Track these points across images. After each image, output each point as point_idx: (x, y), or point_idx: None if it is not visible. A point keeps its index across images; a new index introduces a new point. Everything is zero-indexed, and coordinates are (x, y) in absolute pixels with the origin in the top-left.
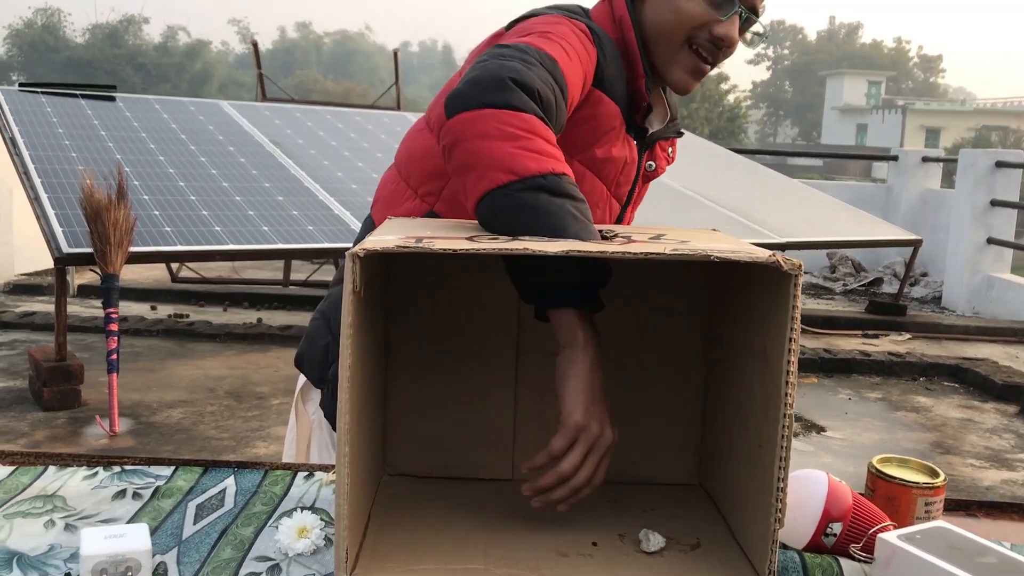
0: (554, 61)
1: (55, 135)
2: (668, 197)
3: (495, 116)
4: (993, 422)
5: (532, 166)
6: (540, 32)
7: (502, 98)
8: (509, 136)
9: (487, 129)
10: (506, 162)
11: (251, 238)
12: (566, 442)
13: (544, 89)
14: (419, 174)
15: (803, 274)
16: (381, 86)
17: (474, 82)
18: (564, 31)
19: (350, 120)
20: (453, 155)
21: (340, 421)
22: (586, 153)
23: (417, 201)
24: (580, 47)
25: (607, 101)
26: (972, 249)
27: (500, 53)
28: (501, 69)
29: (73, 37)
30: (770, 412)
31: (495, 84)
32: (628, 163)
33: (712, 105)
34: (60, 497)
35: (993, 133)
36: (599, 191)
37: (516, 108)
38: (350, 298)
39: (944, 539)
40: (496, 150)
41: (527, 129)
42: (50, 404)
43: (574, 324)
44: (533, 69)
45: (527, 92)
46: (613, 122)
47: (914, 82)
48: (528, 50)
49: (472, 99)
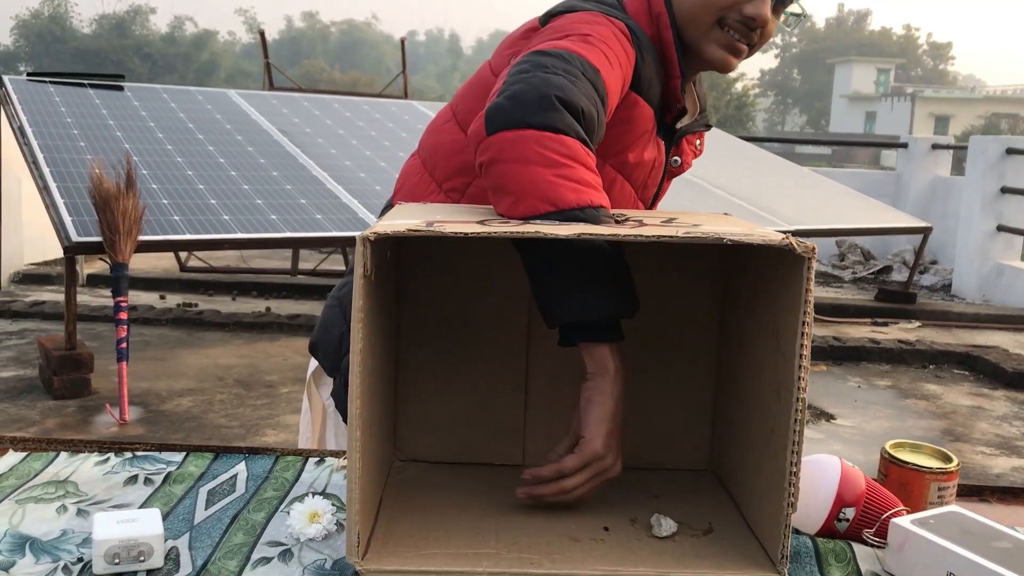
0: (597, 71)
1: (63, 124)
2: (677, 186)
3: (537, 140)
4: (1003, 409)
5: (571, 198)
6: (580, 35)
7: (546, 118)
8: (550, 163)
9: (528, 153)
10: (546, 191)
11: (259, 227)
12: (579, 464)
13: (588, 105)
14: (445, 169)
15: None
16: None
17: (516, 97)
18: (605, 33)
19: (358, 109)
20: (491, 173)
21: (351, 406)
22: (618, 157)
23: (442, 196)
24: (620, 50)
25: (643, 104)
26: (982, 237)
27: (543, 63)
28: (546, 85)
29: (80, 27)
30: (783, 396)
31: (539, 102)
32: (656, 165)
33: (720, 93)
34: (72, 483)
35: (1003, 121)
36: (628, 195)
37: (559, 130)
38: (361, 282)
39: (958, 524)
40: (536, 176)
41: (569, 155)
42: (60, 393)
43: (606, 356)
44: (578, 84)
45: (571, 110)
46: (646, 125)
47: (923, 69)
48: (571, 59)
49: (514, 117)
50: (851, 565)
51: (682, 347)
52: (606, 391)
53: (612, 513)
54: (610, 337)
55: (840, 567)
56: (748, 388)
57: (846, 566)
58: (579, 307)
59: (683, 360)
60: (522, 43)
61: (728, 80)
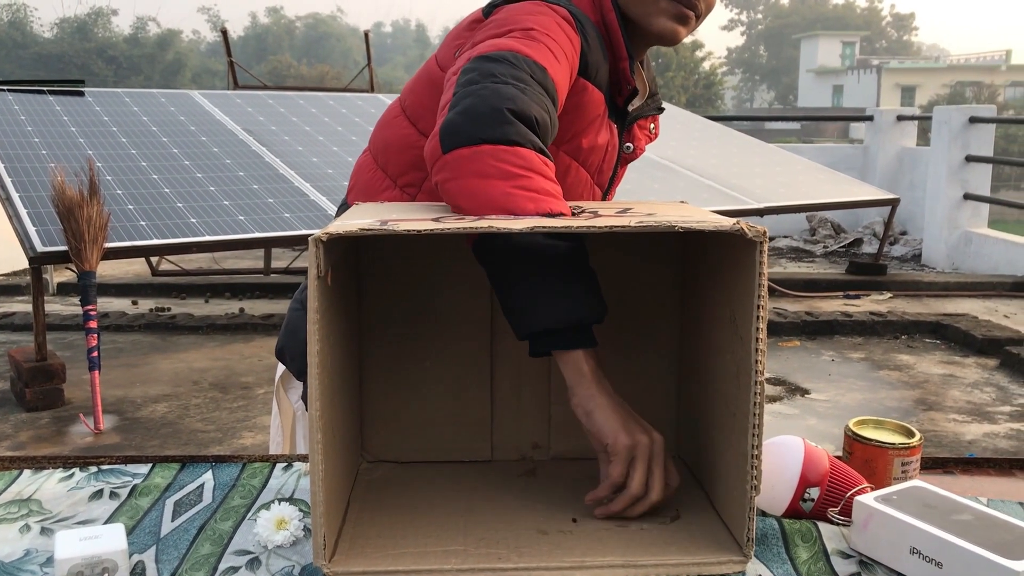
0: (544, 70)
1: (24, 133)
2: (645, 168)
3: (492, 154)
4: (974, 376)
5: (530, 207)
6: (523, 29)
7: (500, 132)
8: (507, 175)
9: (484, 168)
10: (503, 203)
11: (227, 228)
12: (624, 466)
13: (540, 113)
14: (398, 164)
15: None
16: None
17: (469, 113)
18: (547, 23)
19: (323, 104)
20: (449, 191)
21: (311, 408)
22: (572, 143)
23: (397, 191)
24: (564, 39)
25: (592, 89)
26: (949, 205)
27: (492, 72)
28: (497, 97)
29: (41, 32)
30: (741, 380)
31: (492, 116)
32: (610, 148)
33: (688, 73)
34: (36, 501)
35: (967, 89)
36: (584, 180)
37: (514, 142)
38: (315, 284)
39: (920, 499)
40: (493, 190)
41: (525, 167)
42: (33, 404)
43: (580, 360)
44: (528, 91)
45: (525, 121)
46: (597, 110)
47: (888, 41)
48: (518, 62)
49: (468, 134)
50: (817, 544)
51: (645, 333)
52: (594, 395)
53: (580, 504)
54: (582, 343)
55: (806, 547)
56: (709, 372)
57: (812, 545)
58: (546, 315)
59: (646, 346)
60: (467, 35)
61: (695, 59)
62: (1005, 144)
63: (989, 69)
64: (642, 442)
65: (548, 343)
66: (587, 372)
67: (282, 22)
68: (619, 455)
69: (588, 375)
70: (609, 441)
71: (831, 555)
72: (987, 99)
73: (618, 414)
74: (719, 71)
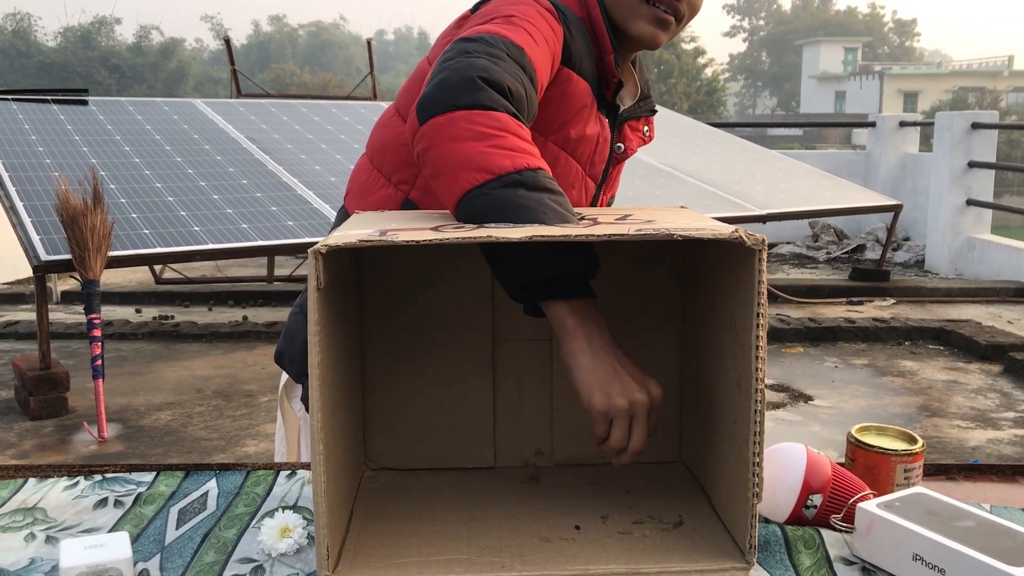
0: (521, 49)
1: (28, 142)
2: (647, 174)
3: (466, 117)
4: (978, 382)
5: (507, 163)
6: (504, 16)
7: (472, 98)
8: (481, 136)
9: (459, 132)
10: (480, 161)
11: (230, 236)
12: (603, 427)
13: (514, 83)
14: (392, 162)
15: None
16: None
17: (442, 84)
18: (528, 12)
19: (326, 112)
20: (428, 160)
21: (312, 419)
22: (560, 133)
23: (391, 189)
24: (546, 27)
25: (576, 79)
26: (952, 211)
27: (466, 49)
28: (469, 68)
29: (45, 41)
30: (742, 387)
31: (464, 84)
32: (601, 141)
33: (690, 80)
34: (40, 509)
35: (970, 94)
36: (574, 171)
37: (486, 107)
38: (315, 295)
39: (922, 505)
40: (470, 150)
41: (499, 127)
42: (37, 413)
43: (562, 314)
44: (500, 63)
45: (497, 89)
46: (584, 100)
47: (890, 47)
48: (494, 41)
49: (442, 103)
50: (820, 551)
51: (647, 340)
52: (576, 351)
53: (583, 511)
54: (569, 294)
55: (809, 553)
56: (710, 379)
57: (815, 552)
58: (530, 266)
59: (648, 353)
60: (455, 32)
61: (698, 66)
62: (1009, 150)
63: (992, 74)
64: (617, 405)
65: (536, 295)
66: (570, 326)
67: (285, 30)
68: (594, 417)
69: (571, 329)
70: (584, 402)
71: (834, 562)
72: (990, 104)
73: (598, 375)
74: (721, 77)
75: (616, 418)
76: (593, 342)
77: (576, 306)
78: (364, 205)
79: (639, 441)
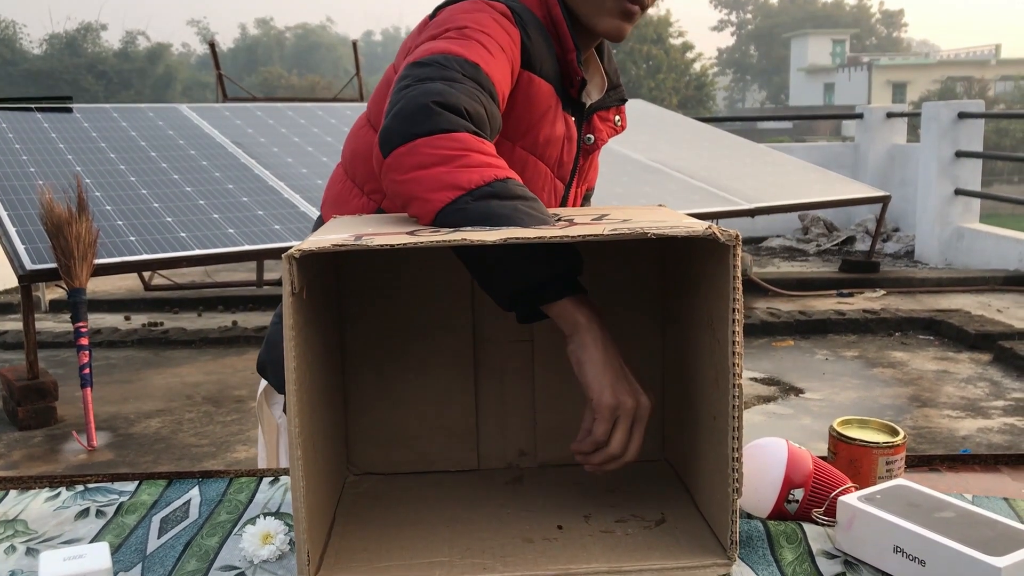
0: (476, 66)
1: (12, 151)
2: (636, 171)
3: (427, 143)
4: (968, 372)
5: (475, 177)
6: (457, 28)
7: (431, 124)
8: (446, 159)
9: (423, 158)
10: (449, 180)
11: (217, 242)
12: (607, 426)
13: (470, 103)
14: (364, 172)
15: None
16: (346, 77)
17: (399, 115)
18: (482, 19)
19: (312, 115)
20: (398, 192)
21: (290, 424)
22: (527, 137)
23: (364, 199)
24: (501, 33)
25: (538, 81)
26: (941, 201)
27: (419, 75)
28: (424, 95)
29: (30, 49)
30: (720, 383)
31: (421, 111)
32: (568, 140)
33: (679, 75)
34: (21, 521)
35: (958, 84)
36: (543, 173)
37: (445, 130)
38: (290, 300)
39: (904, 497)
40: (437, 173)
41: (461, 147)
42: (26, 423)
43: (571, 310)
44: (455, 85)
45: (454, 111)
46: (548, 101)
47: (877, 38)
48: (447, 62)
49: (401, 133)
50: (802, 545)
51: (628, 338)
52: (587, 345)
53: (566, 511)
54: (566, 292)
55: (791, 548)
56: (690, 376)
57: (797, 547)
58: (520, 274)
59: (629, 350)
60: (415, 38)
61: (686, 61)
62: (997, 139)
63: (979, 64)
64: (626, 404)
65: (534, 300)
66: (582, 320)
67: (272, 33)
68: (602, 414)
69: (583, 323)
70: (594, 398)
71: (816, 556)
72: (978, 94)
73: (609, 371)
74: (710, 72)
75: (621, 418)
76: (601, 336)
77: (582, 301)
78: (340, 216)
79: (636, 448)
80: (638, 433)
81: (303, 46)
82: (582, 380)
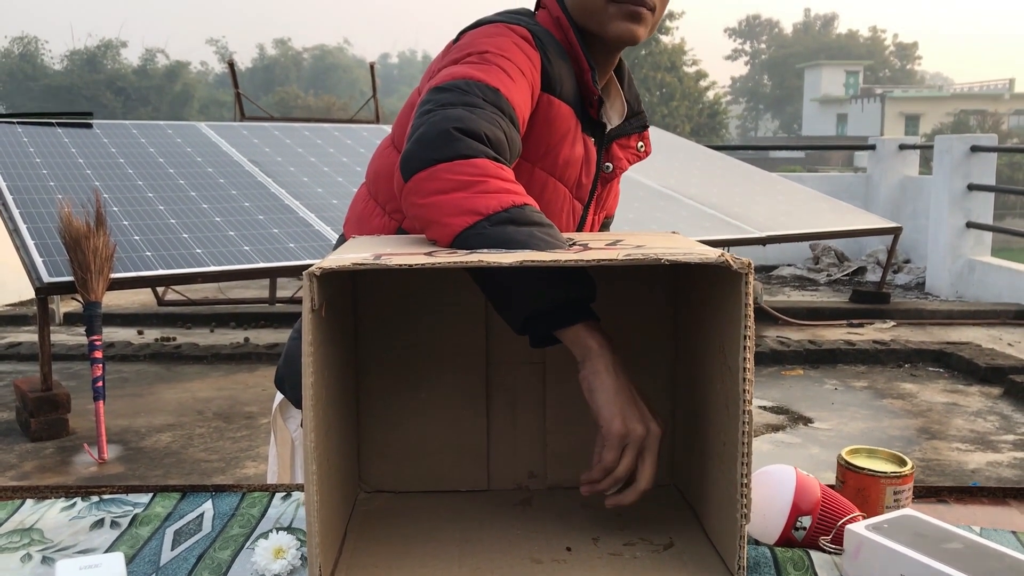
0: (496, 91)
1: (32, 165)
2: (648, 197)
3: (447, 169)
4: (978, 405)
5: (493, 203)
6: (479, 53)
7: (451, 150)
8: (464, 184)
9: (442, 184)
10: (468, 205)
11: (232, 259)
12: (616, 453)
13: (491, 128)
14: (386, 192)
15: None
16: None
17: (420, 140)
18: (503, 44)
19: (328, 135)
20: (417, 215)
21: (306, 439)
22: (547, 159)
23: (386, 218)
24: (521, 57)
25: (558, 103)
26: (952, 234)
27: (441, 100)
28: (444, 120)
29: (51, 64)
30: (731, 410)
31: (441, 137)
32: (587, 162)
33: (692, 103)
34: (38, 530)
35: (971, 117)
36: (562, 195)
37: (465, 156)
38: (309, 317)
39: (911, 527)
40: (456, 198)
41: (480, 173)
42: (38, 434)
43: (584, 336)
44: (476, 111)
45: (474, 137)
46: (568, 123)
47: (891, 70)
48: (468, 87)
49: (422, 158)
50: (809, 573)
51: (639, 363)
52: (600, 371)
53: (575, 533)
54: (579, 318)
55: (798, 575)
56: (700, 401)
57: (804, 574)
58: (535, 297)
59: (640, 375)
60: (439, 62)
61: (699, 89)
62: (1011, 172)
63: (993, 97)
64: (635, 431)
65: (546, 325)
66: (594, 346)
67: (289, 53)
68: (611, 441)
69: (595, 349)
70: (604, 425)
71: None
72: (991, 128)
73: (620, 398)
74: (723, 100)
75: (630, 445)
76: (613, 363)
77: (595, 327)
78: (361, 234)
79: (650, 475)
80: (650, 460)
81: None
82: (593, 406)
